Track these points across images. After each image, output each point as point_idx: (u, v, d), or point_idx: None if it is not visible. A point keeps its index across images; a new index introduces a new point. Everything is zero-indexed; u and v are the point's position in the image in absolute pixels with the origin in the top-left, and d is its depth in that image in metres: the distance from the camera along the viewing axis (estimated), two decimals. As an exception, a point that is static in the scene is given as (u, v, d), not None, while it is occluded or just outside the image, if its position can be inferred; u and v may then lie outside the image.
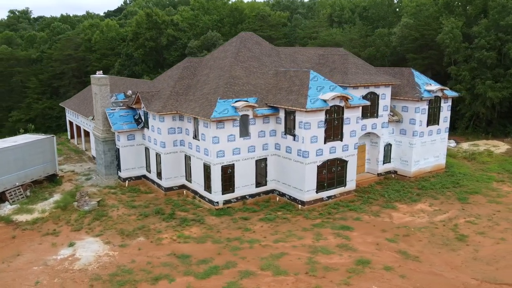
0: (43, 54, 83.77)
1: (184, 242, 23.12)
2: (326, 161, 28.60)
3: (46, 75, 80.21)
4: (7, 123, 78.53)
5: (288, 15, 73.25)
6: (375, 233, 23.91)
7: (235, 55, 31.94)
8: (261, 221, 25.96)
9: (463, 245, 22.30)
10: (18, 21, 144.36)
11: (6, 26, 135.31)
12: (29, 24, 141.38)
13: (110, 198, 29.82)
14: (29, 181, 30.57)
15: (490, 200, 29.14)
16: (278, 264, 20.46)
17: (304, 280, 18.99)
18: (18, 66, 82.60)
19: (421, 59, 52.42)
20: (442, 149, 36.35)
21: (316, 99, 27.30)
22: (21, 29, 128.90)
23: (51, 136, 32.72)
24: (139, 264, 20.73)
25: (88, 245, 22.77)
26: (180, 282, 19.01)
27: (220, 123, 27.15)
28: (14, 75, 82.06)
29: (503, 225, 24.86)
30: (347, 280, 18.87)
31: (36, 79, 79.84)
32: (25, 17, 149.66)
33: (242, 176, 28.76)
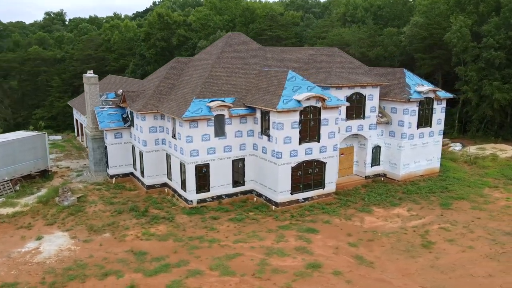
0: (66, 54, 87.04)
1: (146, 239, 23.49)
2: (302, 162, 28.25)
3: (68, 74, 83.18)
4: (31, 120, 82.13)
5: (301, 15, 72.68)
6: (339, 237, 23.42)
7: (218, 55, 32.08)
8: (229, 221, 25.97)
9: (426, 252, 21.48)
10: (52, 22, 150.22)
11: (42, 27, 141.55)
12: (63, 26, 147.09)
13: (93, 195, 30.66)
14: (19, 176, 31.86)
15: (475, 206, 27.89)
16: (228, 264, 20.44)
17: (248, 282, 18.88)
18: (43, 66, 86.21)
19: (430, 59, 50.76)
20: (435, 152, 35.09)
21: (290, 100, 27.02)
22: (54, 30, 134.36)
23: (43, 133, 33.99)
24: (95, 260, 21.24)
25: (54, 239, 23.55)
26: (127, 279, 19.34)
27: (193, 123, 27.36)
28: (40, 75, 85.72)
29: (477, 233, 23.75)
30: (290, 284, 18.61)
31: (59, 78, 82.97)
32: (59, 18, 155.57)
33: (217, 175, 28.86)
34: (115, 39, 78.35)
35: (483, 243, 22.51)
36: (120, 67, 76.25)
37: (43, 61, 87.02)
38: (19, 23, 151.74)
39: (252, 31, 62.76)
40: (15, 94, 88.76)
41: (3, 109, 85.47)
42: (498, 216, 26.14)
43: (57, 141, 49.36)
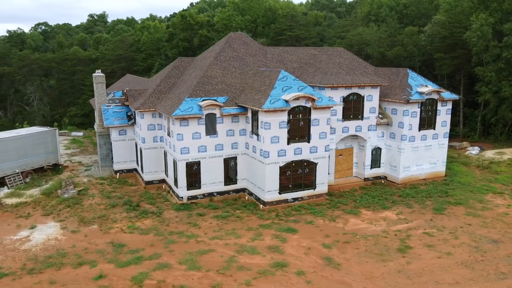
0: (99, 55, 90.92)
1: (129, 232, 24.43)
2: (291, 162, 28.27)
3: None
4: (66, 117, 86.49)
5: (324, 15, 71.98)
6: (315, 238, 23.33)
7: (217, 55, 32.67)
8: (214, 218, 26.46)
9: (399, 257, 21.00)
10: (95, 24, 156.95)
11: (85, 28, 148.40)
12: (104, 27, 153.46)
13: (94, 188, 32.11)
14: (30, 169, 33.89)
15: (470, 212, 26.82)
16: (198, 259, 20.93)
17: (210, 277, 19.29)
18: (79, 66, 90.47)
19: (450, 59, 48.94)
20: (440, 155, 33.92)
21: (278, 99, 27.13)
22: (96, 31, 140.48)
23: (54, 129, 35.92)
24: (76, 249, 22.39)
25: (45, 229, 24.99)
26: (99, 269, 20.26)
27: (184, 121, 28.07)
28: (76, 74, 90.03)
29: (461, 240, 22.89)
30: (250, 281, 18.84)
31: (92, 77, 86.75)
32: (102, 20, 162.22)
33: (209, 173, 29.42)
34: (144, 40, 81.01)
35: (464, 250, 21.68)
36: (147, 66, 78.72)
37: (79, 61, 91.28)
38: (66, 25, 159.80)
39: (273, 32, 62.91)
40: (53, 92, 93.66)
41: (42, 106, 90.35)
42: (491, 224, 25.02)
43: (78, 137, 51.85)
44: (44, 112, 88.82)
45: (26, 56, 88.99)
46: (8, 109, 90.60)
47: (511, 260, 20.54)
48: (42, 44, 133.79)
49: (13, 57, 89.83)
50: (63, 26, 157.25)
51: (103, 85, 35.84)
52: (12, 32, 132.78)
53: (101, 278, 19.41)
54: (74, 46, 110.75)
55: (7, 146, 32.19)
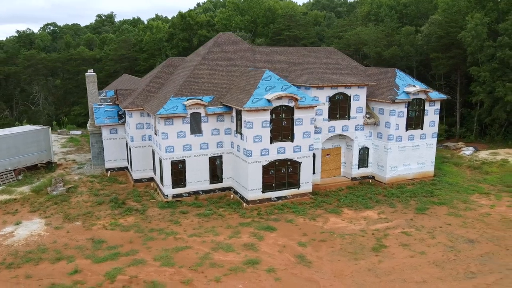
0: (103, 54, 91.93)
1: (111, 229, 24.87)
2: (274, 161, 28.48)
3: (104, 73, 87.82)
4: (70, 116, 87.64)
5: (324, 14, 71.93)
6: (293, 236, 23.51)
7: (205, 55, 33.01)
8: (196, 216, 26.79)
9: (372, 255, 21.10)
10: (103, 24, 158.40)
11: (93, 29, 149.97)
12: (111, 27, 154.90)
13: (84, 186, 32.66)
14: (22, 166, 34.59)
15: (452, 212, 26.78)
16: (172, 256, 21.26)
17: (182, 273, 19.60)
18: (83, 65, 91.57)
19: (446, 59, 48.66)
20: (428, 155, 33.85)
21: (260, 99, 27.37)
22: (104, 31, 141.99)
23: (46, 127, 36.59)
24: (56, 245, 22.87)
25: (30, 225, 25.55)
26: (75, 264, 20.68)
27: (168, 120, 28.44)
28: (80, 73, 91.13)
29: (438, 239, 22.90)
30: (219, 277, 19.11)
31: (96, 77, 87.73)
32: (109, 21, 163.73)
33: (194, 171, 29.76)
34: (146, 40, 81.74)
35: (438, 249, 21.70)
36: (149, 66, 79.33)
37: (83, 61, 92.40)
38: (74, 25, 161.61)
39: (271, 32, 63.11)
40: (58, 92, 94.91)
41: (47, 105, 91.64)
42: (471, 224, 24.97)
43: (76, 136, 52.61)
44: (49, 111, 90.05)
45: (32, 56, 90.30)
46: (14, 108, 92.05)
47: (483, 260, 20.52)
48: (50, 44, 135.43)
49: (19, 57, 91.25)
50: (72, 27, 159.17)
51: (94, 84, 36.44)
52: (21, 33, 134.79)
53: (76, 273, 19.83)
54: (80, 46, 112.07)
55: (0, 144, 32.88)
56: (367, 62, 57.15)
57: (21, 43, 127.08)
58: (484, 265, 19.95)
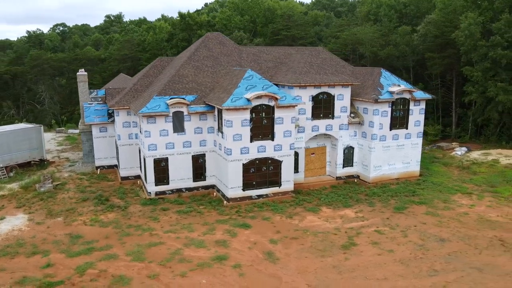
0: (107, 54, 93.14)
1: (90, 225, 25.43)
2: (254, 159, 28.78)
3: (108, 73, 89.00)
4: (74, 116, 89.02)
5: (324, 14, 71.96)
6: (266, 233, 23.80)
7: (191, 54, 33.47)
8: (176, 213, 27.23)
9: (340, 253, 21.29)
10: (111, 24, 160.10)
11: (101, 29, 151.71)
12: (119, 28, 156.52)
13: (72, 183, 33.34)
14: (14, 163, 35.42)
15: (429, 212, 26.80)
16: (144, 251, 21.72)
17: (150, 268, 20.04)
18: (88, 65, 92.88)
19: (441, 59, 48.47)
20: (414, 155, 33.83)
21: (240, 98, 27.70)
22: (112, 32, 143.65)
23: (38, 126, 37.41)
24: (35, 240, 23.49)
25: (13, 220, 26.25)
26: (49, 258, 21.26)
27: (151, 118, 28.94)
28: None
29: (410, 238, 22.98)
30: (185, 272, 19.51)
31: (100, 77, 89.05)
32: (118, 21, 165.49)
33: (177, 169, 30.21)
34: (149, 40, 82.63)
35: (408, 248, 21.79)
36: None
37: (88, 61, 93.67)
38: (84, 26, 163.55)
39: (269, 31, 63.39)
40: (64, 91, 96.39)
41: (53, 104, 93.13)
42: (446, 223, 24.98)
43: (74, 134, 53.51)
44: (54, 110, 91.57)
45: (38, 56, 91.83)
46: (20, 107, 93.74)
47: (449, 258, 20.57)
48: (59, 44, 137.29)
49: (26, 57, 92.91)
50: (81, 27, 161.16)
51: (85, 83, 37.10)
52: (31, 33, 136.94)
53: (49, 266, 20.40)
54: (87, 46, 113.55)
55: (-8, 141, 33.78)
56: (364, 62, 57.10)
57: (31, 43, 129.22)
58: (449, 263, 20.01)
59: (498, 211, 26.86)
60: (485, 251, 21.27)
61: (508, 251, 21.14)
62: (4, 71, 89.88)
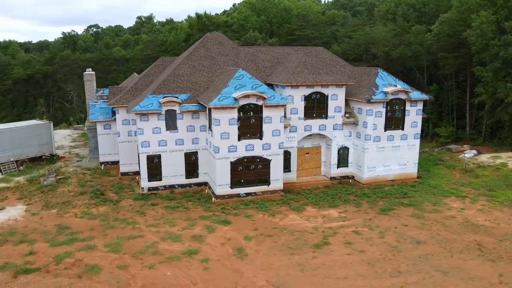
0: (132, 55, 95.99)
1: (80, 217, 26.65)
2: (242, 158, 29.22)
3: (131, 72, 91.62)
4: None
5: (341, 14, 71.31)
6: (243, 230, 24.19)
7: (188, 54, 34.30)
8: (164, 208, 28.06)
9: (310, 251, 21.40)
10: (142, 25, 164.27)
11: (133, 30, 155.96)
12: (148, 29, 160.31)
13: (75, 177, 34.91)
14: (24, 158, 37.43)
15: (415, 214, 26.38)
16: (122, 243, 22.61)
17: (123, 259, 20.88)
18: (114, 65, 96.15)
19: (453, 59, 47.18)
20: (410, 156, 33.24)
21: (227, 97, 28.21)
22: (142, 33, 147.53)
23: (48, 122, 39.33)
24: (26, 229, 24.89)
25: (12, 211, 27.85)
26: (33, 246, 22.50)
27: (144, 116, 29.93)
28: (110, 73, 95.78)
29: (386, 239, 22.77)
30: (154, 264, 20.23)
31: (124, 76, 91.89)
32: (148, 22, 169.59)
33: (170, 166, 31.06)
34: (170, 40, 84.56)
35: (380, 248, 21.63)
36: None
37: (114, 61, 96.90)
38: (117, 27, 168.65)
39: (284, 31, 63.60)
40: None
41: (80, 103, 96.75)
42: (429, 225, 24.53)
43: (90, 131, 55.52)
44: (82, 108, 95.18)
45: (67, 56, 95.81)
46: (50, 105, 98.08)
47: (418, 260, 20.27)
48: (92, 45, 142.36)
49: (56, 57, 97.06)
50: (114, 28, 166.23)
51: (91, 82, 38.69)
52: (66, 34, 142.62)
53: (31, 254, 21.62)
54: (117, 47, 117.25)
55: (2, 136, 35.86)
56: (377, 62, 56.28)
57: (66, 44, 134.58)
58: (416, 265, 19.74)
59: (488, 215, 26.09)
60: (458, 254, 20.82)
61: (482, 256, 20.61)
62: (36, 71, 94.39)
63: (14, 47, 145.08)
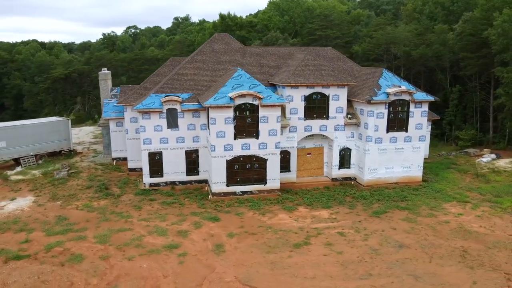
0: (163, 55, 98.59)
1: (80, 209, 27.99)
2: (238, 156, 29.61)
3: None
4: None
5: (366, 13, 69.99)
6: (228, 227, 24.57)
7: (194, 55, 35.12)
8: (160, 203, 28.92)
9: (287, 251, 21.47)
10: (178, 26, 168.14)
11: (169, 31, 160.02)
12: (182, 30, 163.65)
13: (87, 172, 36.57)
14: (43, 152, 39.60)
15: (408, 218, 25.78)
16: (110, 235, 23.59)
17: (107, 250, 21.83)
18: (145, 65, 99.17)
19: (476, 59, 45.45)
20: (415, 159, 32.40)
21: (223, 96, 28.71)
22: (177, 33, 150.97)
23: (67, 119, 41.38)
24: (29, 219, 26.46)
25: (21, 201, 29.66)
26: (31, 235, 23.92)
27: (146, 114, 30.97)
28: (142, 72, 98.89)
29: (368, 242, 22.45)
30: (134, 255, 21.02)
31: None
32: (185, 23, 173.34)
33: (171, 163, 31.95)
34: (198, 41, 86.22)
35: (359, 251, 21.37)
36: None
37: (146, 61, 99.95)
38: (155, 28, 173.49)
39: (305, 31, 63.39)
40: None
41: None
42: (418, 230, 23.93)
43: (113, 128, 57.67)
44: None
45: (102, 56, 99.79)
46: (86, 103, 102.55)
47: (394, 264, 19.87)
48: (130, 45, 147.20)
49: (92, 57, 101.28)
50: (152, 29, 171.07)
51: (106, 81, 40.34)
52: (105, 35, 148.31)
53: (26, 242, 23.02)
54: (151, 47, 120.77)
55: (23, 132, 38.13)
56: (398, 63, 55.01)
57: (105, 44, 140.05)
58: (390, 269, 19.39)
59: (485, 221, 25.10)
60: (438, 260, 20.23)
61: (463, 262, 19.93)
62: (72, 70, 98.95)
63: (58, 47, 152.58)
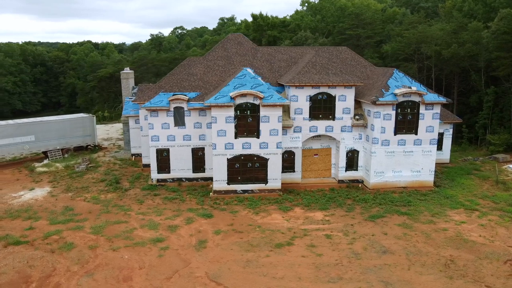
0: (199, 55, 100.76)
1: (87, 201, 29.49)
2: (239, 155, 29.90)
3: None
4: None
5: (402, 11, 67.53)
6: (218, 224, 24.94)
7: (207, 55, 35.81)
8: (163, 198, 29.83)
9: (266, 250, 21.48)
10: (223, 26, 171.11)
11: (214, 31, 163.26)
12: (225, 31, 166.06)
13: (105, 166, 38.37)
14: (69, 146, 42.01)
15: (404, 223, 24.88)
16: (106, 227, 24.73)
17: (98, 240, 22.92)
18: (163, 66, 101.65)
19: (509, 59, 42.76)
20: (426, 163, 31.12)
21: (224, 96, 29.11)
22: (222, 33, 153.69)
23: (92, 116, 43.58)
24: (40, 208, 28.28)
25: (38, 192, 31.71)
26: (36, 223, 25.59)
27: (154, 112, 32.05)
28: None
29: (354, 245, 21.95)
30: (119, 246, 21.96)
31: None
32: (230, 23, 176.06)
33: (178, 160, 32.83)
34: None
35: (339, 254, 20.95)
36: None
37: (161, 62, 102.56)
38: (202, 28, 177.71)
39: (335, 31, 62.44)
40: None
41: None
42: (410, 236, 23.04)
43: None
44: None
45: (144, 56, 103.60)
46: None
47: (370, 269, 19.29)
48: (176, 46, 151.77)
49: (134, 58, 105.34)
50: (199, 29, 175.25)
51: (128, 80, 42.03)
52: (153, 36, 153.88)
53: (30, 229, 24.68)
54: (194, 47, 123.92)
55: (51, 127, 40.65)
56: (429, 63, 52.82)
57: (153, 45, 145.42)
58: (364, 274, 18.87)
59: (487, 231, 23.69)
60: (419, 268, 19.42)
61: (443, 272, 18.98)
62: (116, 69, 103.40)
63: (110, 48, 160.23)
